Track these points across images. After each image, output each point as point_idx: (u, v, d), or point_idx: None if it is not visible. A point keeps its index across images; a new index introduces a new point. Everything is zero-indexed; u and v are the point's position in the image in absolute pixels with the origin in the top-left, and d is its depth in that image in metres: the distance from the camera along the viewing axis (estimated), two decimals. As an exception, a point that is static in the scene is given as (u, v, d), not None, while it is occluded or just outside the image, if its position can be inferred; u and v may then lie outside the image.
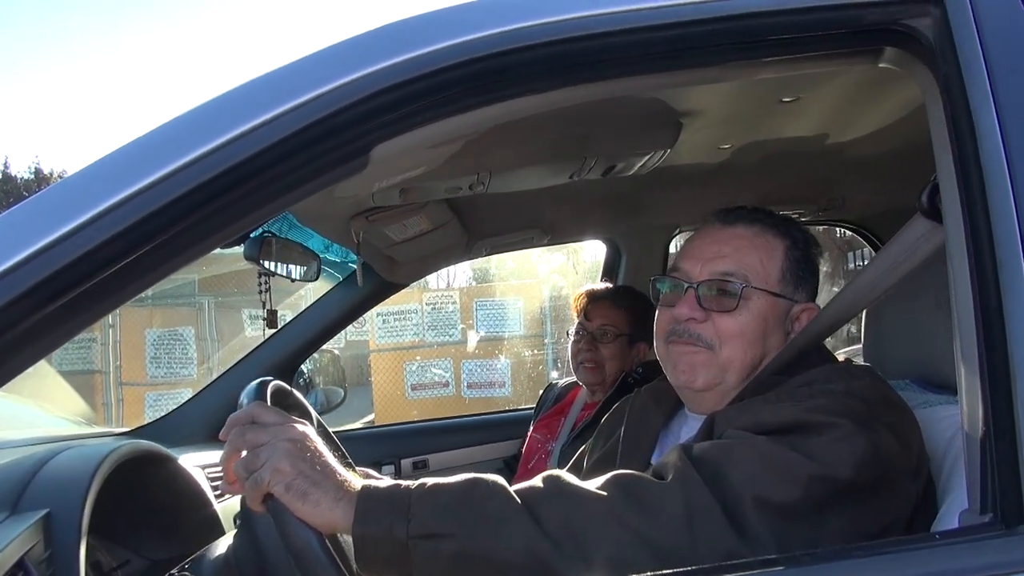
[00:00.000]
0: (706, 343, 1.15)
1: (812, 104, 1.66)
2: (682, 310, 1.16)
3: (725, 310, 1.15)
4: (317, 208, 1.62)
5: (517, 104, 0.90)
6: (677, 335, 1.16)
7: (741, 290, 1.14)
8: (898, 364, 1.33)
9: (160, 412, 2.46)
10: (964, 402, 0.82)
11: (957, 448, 1.10)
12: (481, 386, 8.11)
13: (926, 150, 2.02)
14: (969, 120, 0.83)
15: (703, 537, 0.86)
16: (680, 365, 1.16)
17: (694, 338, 1.15)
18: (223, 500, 1.63)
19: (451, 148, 1.28)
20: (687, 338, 1.16)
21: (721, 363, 1.15)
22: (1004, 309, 0.76)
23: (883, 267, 1.07)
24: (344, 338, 8.46)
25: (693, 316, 1.15)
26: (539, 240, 2.50)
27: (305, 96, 0.80)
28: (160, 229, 0.78)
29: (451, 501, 0.88)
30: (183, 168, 0.79)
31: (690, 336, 1.15)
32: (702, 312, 1.15)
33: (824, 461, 0.91)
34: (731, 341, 1.14)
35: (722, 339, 1.15)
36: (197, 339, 8.52)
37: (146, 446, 1.34)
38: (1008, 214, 0.78)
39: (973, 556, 0.66)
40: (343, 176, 0.89)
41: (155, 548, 1.38)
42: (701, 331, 1.15)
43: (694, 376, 1.15)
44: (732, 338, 1.14)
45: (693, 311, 1.15)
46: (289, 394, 1.12)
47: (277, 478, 0.87)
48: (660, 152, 1.73)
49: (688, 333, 1.15)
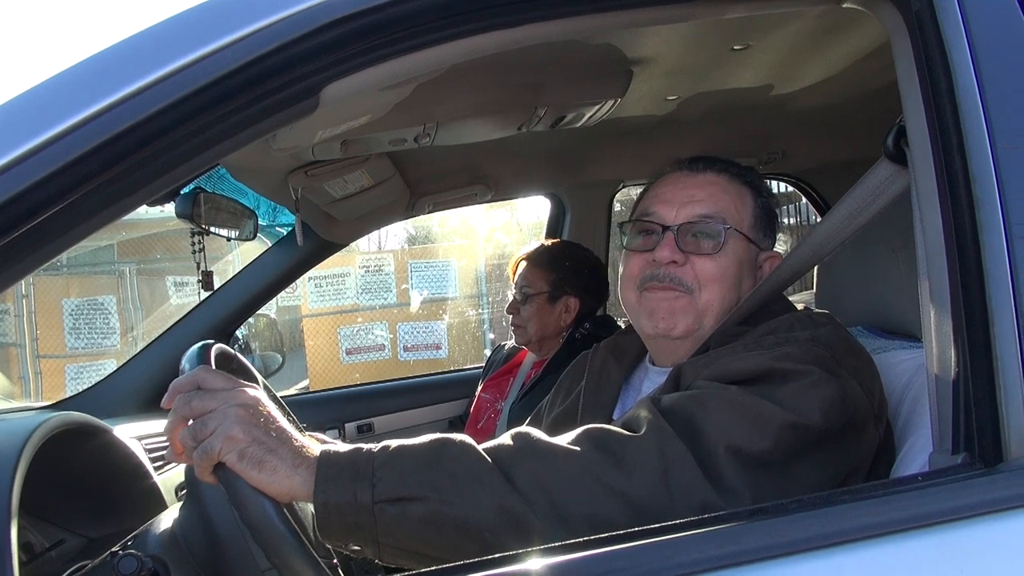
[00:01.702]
0: (686, 287, 1.13)
1: (761, 53, 1.65)
2: (663, 253, 1.13)
3: (705, 253, 1.13)
4: (253, 162, 1.53)
5: (476, 42, 0.85)
6: (657, 280, 1.14)
7: (725, 231, 1.13)
8: (851, 311, 1.34)
9: (82, 385, 2.33)
10: (933, 344, 0.82)
11: (913, 392, 1.12)
12: (418, 348, 8.05)
13: (866, 102, 2.05)
14: (943, 56, 0.82)
15: (678, 489, 0.84)
16: (659, 312, 1.14)
17: (675, 282, 1.13)
18: (163, 472, 1.56)
19: (402, 92, 1.22)
20: (667, 283, 1.13)
21: (700, 308, 1.13)
22: (980, 248, 0.75)
23: (846, 213, 1.06)
24: (275, 303, 8.27)
25: (674, 259, 1.12)
26: (483, 196, 2.44)
27: (248, 28, 0.72)
28: (74, 185, 0.69)
29: (419, 463, 0.84)
30: (102, 113, 0.69)
31: (671, 280, 1.13)
32: (682, 255, 1.13)
33: (795, 409, 0.91)
34: (710, 285, 1.13)
35: (702, 283, 1.13)
36: (119, 308, 8.17)
37: (77, 418, 1.25)
38: (984, 151, 0.77)
39: (958, 497, 0.66)
40: (291, 119, 0.82)
41: (91, 525, 1.30)
42: (681, 275, 1.13)
43: (674, 323, 1.13)
44: (712, 281, 1.13)
45: (674, 254, 1.13)
46: (234, 358, 1.06)
47: (229, 446, 0.81)
48: (610, 102, 1.70)
49: (669, 277, 1.13)
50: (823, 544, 0.63)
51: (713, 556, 0.63)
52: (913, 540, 0.64)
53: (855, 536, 0.64)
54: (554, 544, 0.67)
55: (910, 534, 0.64)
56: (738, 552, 0.63)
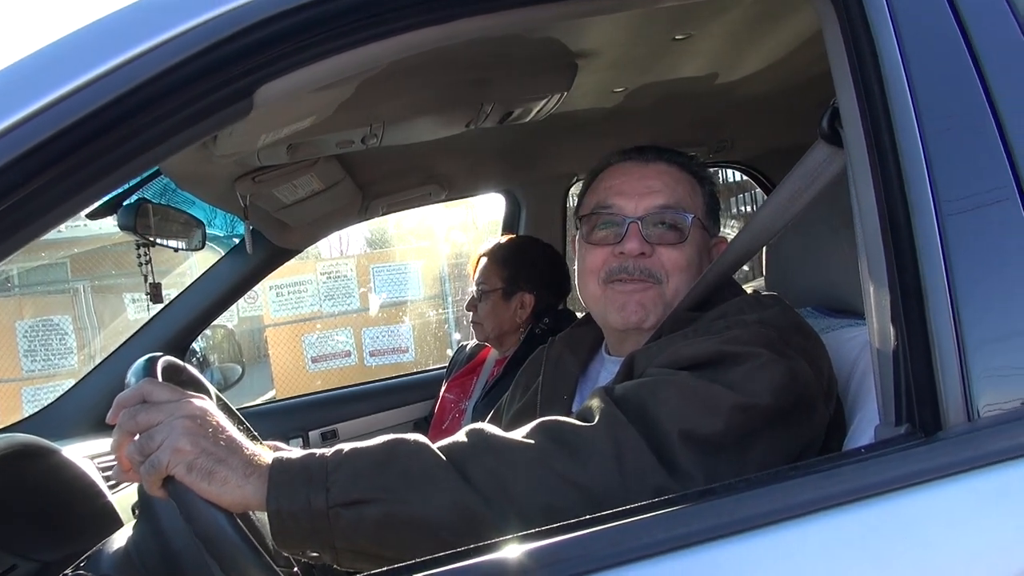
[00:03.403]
0: (656, 278, 1.14)
1: (703, 41, 1.67)
2: (631, 245, 1.13)
3: (671, 243, 1.15)
4: (197, 170, 1.50)
5: (408, 39, 0.84)
6: (626, 272, 1.14)
7: (691, 220, 1.15)
8: (799, 292, 1.36)
9: (40, 407, 2.26)
10: (874, 320, 0.84)
11: (861, 369, 1.14)
12: (384, 352, 7.99)
13: (809, 88, 2.09)
14: (869, 40, 0.83)
15: (633, 476, 0.85)
16: (630, 305, 1.14)
17: (644, 274, 1.14)
18: (118, 490, 1.52)
19: (342, 92, 1.20)
20: (637, 275, 1.14)
21: (668, 298, 1.15)
22: (913, 224, 0.77)
23: (786, 196, 1.08)
24: (236, 314, 8.14)
25: (643, 251, 1.13)
26: (437, 196, 2.44)
27: (177, 28, 0.71)
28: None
29: (372, 464, 0.83)
30: (21, 123, 0.67)
31: (641, 272, 1.14)
32: (649, 246, 1.14)
33: (745, 390, 0.92)
34: (677, 274, 1.14)
35: (669, 272, 1.14)
36: (75, 327, 7.98)
37: (23, 439, 1.22)
38: (911, 129, 0.79)
39: (899, 466, 0.68)
40: (224, 122, 0.80)
41: (45, 548, 1.26)
42: (650, 265, 1.14)
43: (645, 315, 1.14)
44: (678, 271, 1.14)
45: (642, 245, 1.13)
46: (182, 369, 1.04)
47: (177, 458, 0.79)
48: (556, 96, 1.70)
49: (639, 269, 1.14)
50: (770, 520, 0.64)
51: (663, 539, 0.63)
52: (857, 511, 0.65)
53: (801, 511, 0.65)
54: (507, 536, 0.67)
55: (854, 505, 0.65)
56: (687, 534, 0.63)
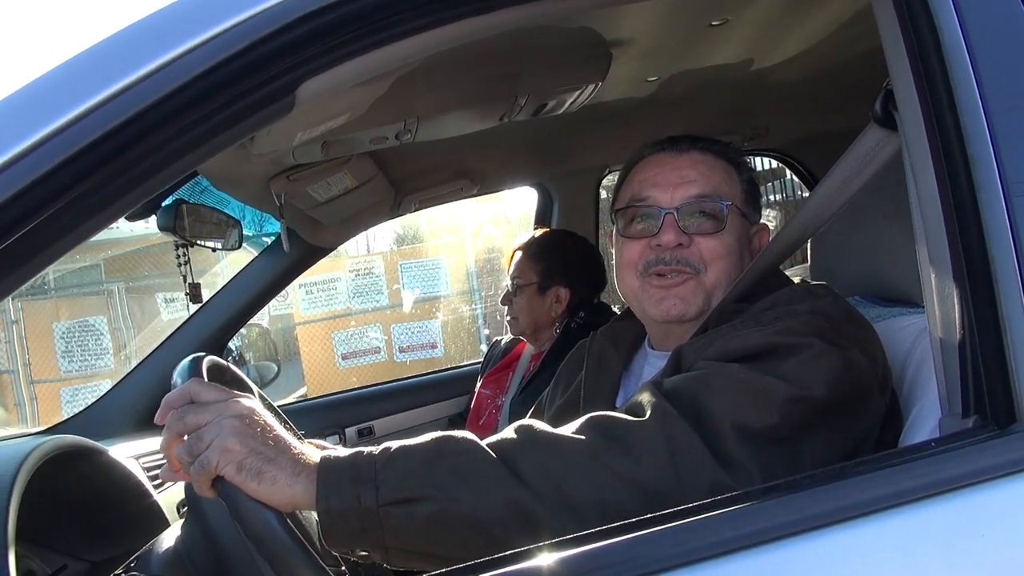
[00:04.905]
0: (694, 268, 1.12)
1: (739, 27, 1.63)
2: (668, 236, 1.12)
3: (708, 232, 1.13)
4: (233, 169, 1.50)
5: (448, 31, 0.82)
6: (664, 263, 1.12)
7: (727, 209, 1.12)
8: (847, 282, 1.33)
9: (78, 408, 2.30)
10: (936, 308, 0.81)
11: (917, 359, 1.11)
12: (413, 349, 8.02)
13: (846, 72, 2.03)
14: (928, 18, 0.80)
15: (687, 471, 0.83)
16: (668, 299, 1.12)
17: (683, 264, 1.12)
18: (163, 489, 1.53)
19: (378, 88, 1.19)
20: (676, 265, 1.12)
21: (708, 288, 1.13)
22: (980, 207, 0.73)
23: (837, 183, 1.05)
24: (267, 313, 8.21)
25: (680, 241, 1.12)
26: (468, 191, 2.42)
27: (218, 27, 0.70)
28: (44, 202, 0.66)
29: (421, 462, 0.82)
30: (69, 125, 0.66)
31: (679, 263, 1.12)
32: (687, 237, 1.12)
33: (799, 382, 0.89)
34: (716, 263, 1.12)
35: (707, 262, 1.12)
36: (110, 328, 8.11)
37: (71, 440, 1.23)
38: (975, 108, 0.75)
39: (974, 461, 0.65)
40: (266, 120, 0.80)
41: (94, 549, 1.28)
42: (688, 256, 1.12)
43: (686, 307, 1.12)
44: (717, 260, 1.12)
45: (680, 236, 1.12)
46: (227, 369, 1.04)
47: (226, 458, 0.79)
48: (591, 87, 1.68)
49: (677, 260, 1.12)
50: (842, 518, 0.61)
51: (730, 538, 0.61)
52: (932, 508, 0.62)
53: (873, 508, 0.62)
54: (567, 536, 0.66)
55: (928, 502, 0.62)
56: (755, 532, 0.61)
